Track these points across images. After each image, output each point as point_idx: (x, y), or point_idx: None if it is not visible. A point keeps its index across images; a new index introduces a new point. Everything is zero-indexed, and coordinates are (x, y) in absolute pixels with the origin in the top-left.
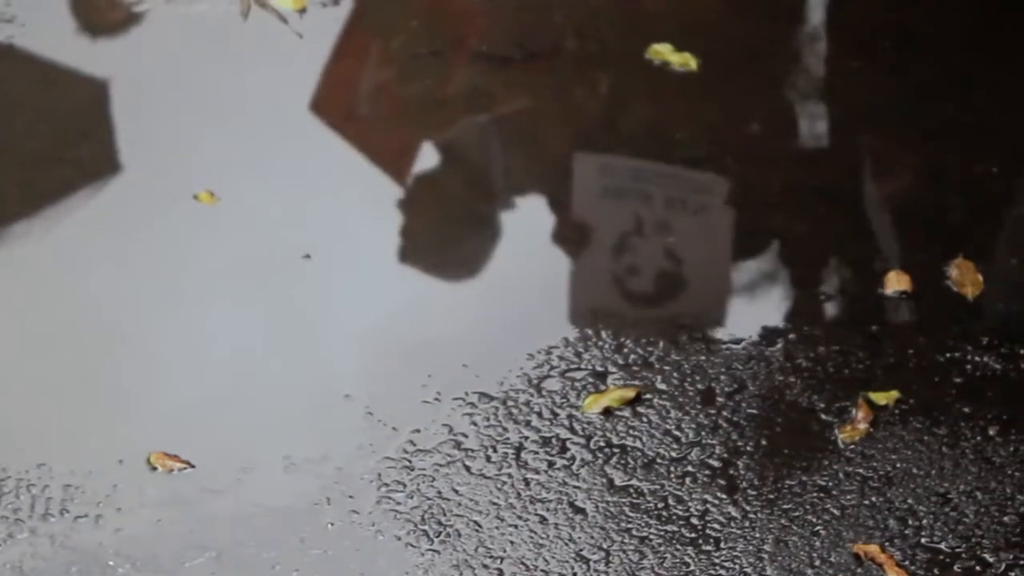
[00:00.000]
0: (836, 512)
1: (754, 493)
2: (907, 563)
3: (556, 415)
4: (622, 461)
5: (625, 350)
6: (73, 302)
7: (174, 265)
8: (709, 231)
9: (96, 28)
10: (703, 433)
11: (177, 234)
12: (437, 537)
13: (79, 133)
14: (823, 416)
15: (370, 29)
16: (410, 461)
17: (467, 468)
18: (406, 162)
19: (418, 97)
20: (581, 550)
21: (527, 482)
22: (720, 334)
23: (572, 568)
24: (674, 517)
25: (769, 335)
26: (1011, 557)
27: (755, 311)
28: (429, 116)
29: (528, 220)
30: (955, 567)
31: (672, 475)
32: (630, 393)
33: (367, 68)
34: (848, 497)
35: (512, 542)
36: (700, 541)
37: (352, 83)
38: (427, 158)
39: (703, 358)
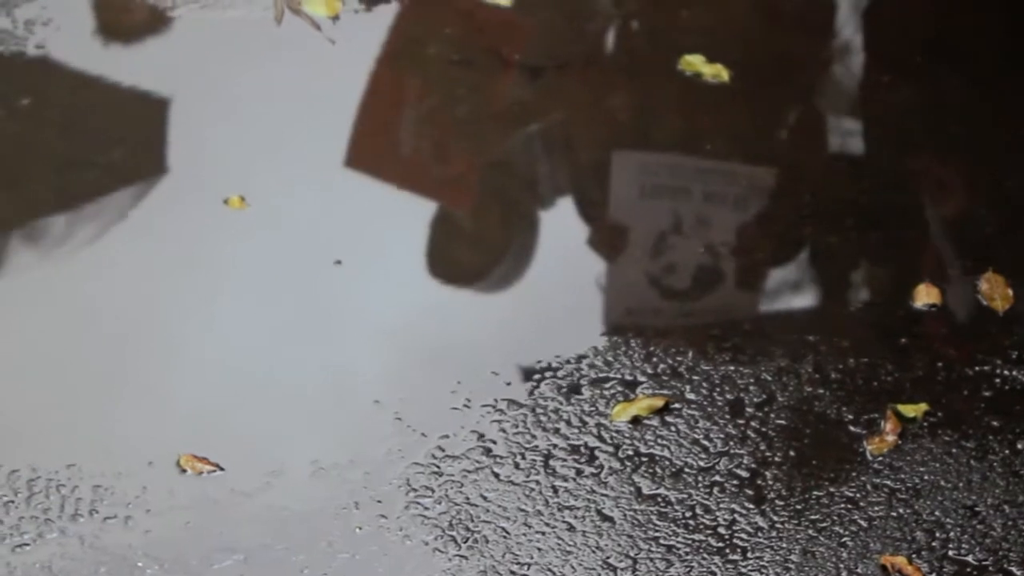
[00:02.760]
0: (864, 524)
1: (782, 504)
2: (934, 575)
3: (585, 423)
4: (650, 470)
5: (655, 359)
6: (104, 305)
7: (205, 269)
8: (748, 223)
9: (117, 30)
10: (731, 443)
11: (208, 238)
12: (465, 543)
13: (111, 138)
14: (852, 428)
15: (396, 70)
16: (439, 467)
17: (495, 475)
18: (461, 189)
19: (455, 118)
20: (608, 558)
21: (555, 489)
22: (750, 345)
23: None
24: (701, 526)
25: (798, 346)
26: None
27: (784, 322)
28: (468, 136)
29: (561, 228)
30: None
31: (700, 484)
32: (659, 402)
33: (403, 108)
34: (876, 509)
35: (539, 549)
36: (727, 551)
37: (388, 127)
38: (463, 170)
39: (732, 368)
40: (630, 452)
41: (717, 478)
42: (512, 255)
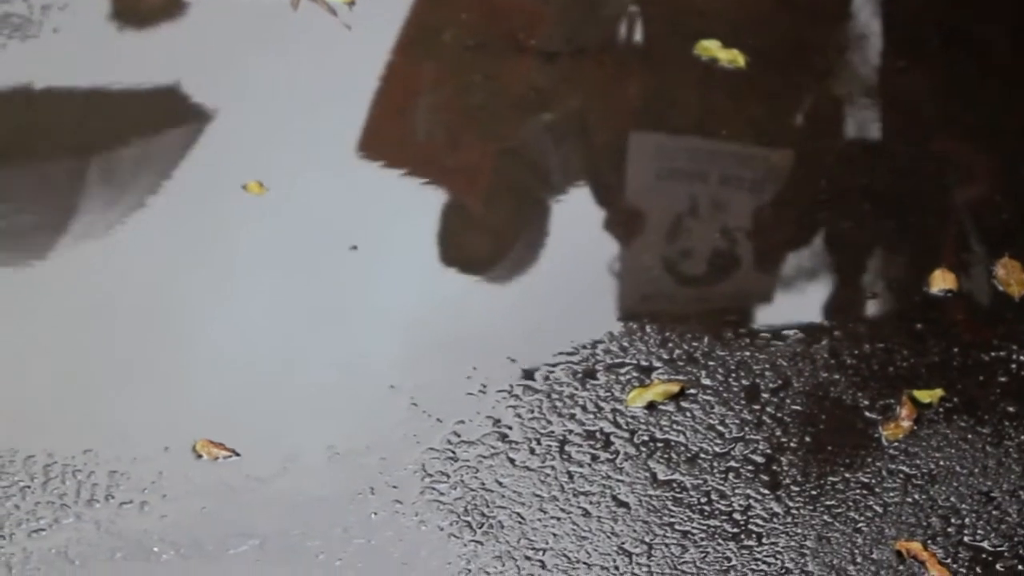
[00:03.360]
0: (879, 509)
1: (797, 489)
2: (949, 561)
3: (600, 409)
4: (665, 455)
5: (670, 345)
6: (121, 290)
7: (222, 255)
8: (764, 208)
9: (132, 15)
10: (747, 429)
11: (225, 224)
12: (480, 528)
13: (127, 123)
14: (867, 413)
15: (412, 56)
16: (454, 452)
17: (511, 460)
18: (476, 175)
19: (471, 104)
20: (623, 543)
21: (571, 475)
22: (765, 330)
23: (614, 561)
24: (717, 512)
25: (814, 332)
26: None
27: (800, 308)
28: (484, 122)
29: (576, 214)
30: (997, 566)
31: (715, 470)
32: (674, 388)
33: (418, 94)
34: (891, 494)
35: (555, 534)
36: (742, 536)
37: (403, 113)
38: (478, 156)
39: (748, 354)
40: (645, 438)
41: (732, 464)
42: (526, 241)
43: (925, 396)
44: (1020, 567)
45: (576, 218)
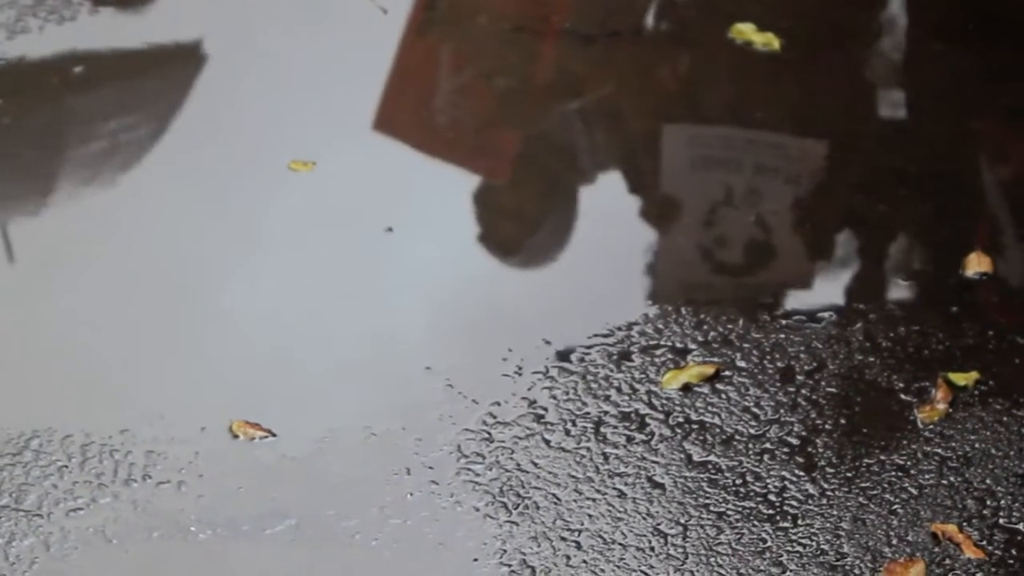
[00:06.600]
0: (914, 491)
1: (832, 471)
2: (985, 543)
3: (635, 390)
4: (701, 437)
5: (705, 327)
6: (159, 270)
7: (259, 235)
8: (799, 193)
9: None
10: (782, 411)
11: (262, 204)
12: (515, 509)
13: (162, 105)
14: (902, 396)
15: (448, 40)
16: (490, 433)
17: (546, 441)
18: (511, 161)
19: (506, 87)
20: (659, 524)
21: (606, 456)
22: (800, 313)
23: (650, 542)
24: (752, 493)
25: (849, 315)
26: None
27: (835, 291)
28: (518, 105)
29: (610, 196)
30: None
31: (750, 452)
32: (709, 370)
33: (450, 76)
34: (926, 477)
35: (590, 515)
36: (777, 518)
37: (424, 92)
38: (513, 138)
39: (783, 336)
40: (680, 419)
41: (767, 445)
42: (561, 223)
43: (960, 379)
44: None
45: (611, 201)
